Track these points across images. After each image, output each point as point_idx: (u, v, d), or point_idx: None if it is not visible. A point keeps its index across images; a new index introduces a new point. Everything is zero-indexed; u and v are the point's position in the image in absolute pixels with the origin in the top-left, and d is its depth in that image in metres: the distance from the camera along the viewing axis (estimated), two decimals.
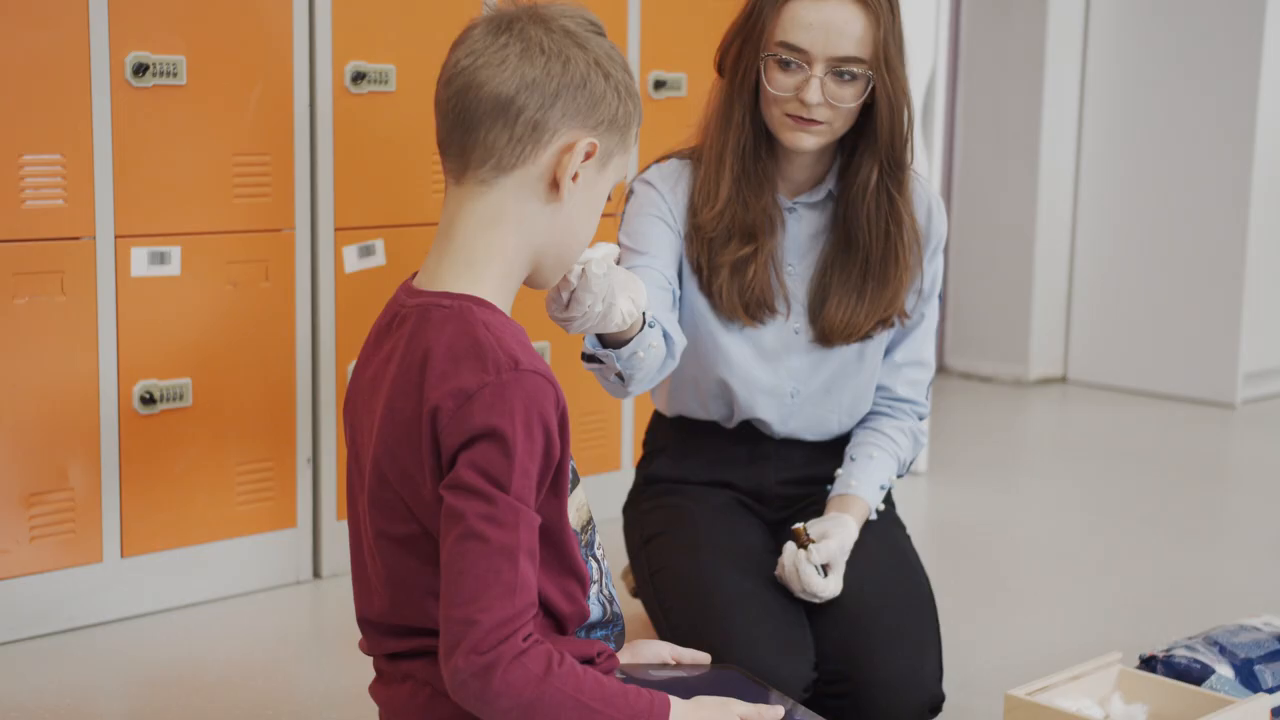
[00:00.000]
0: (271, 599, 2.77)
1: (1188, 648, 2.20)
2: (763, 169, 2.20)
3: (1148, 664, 2.21)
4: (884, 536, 2.23)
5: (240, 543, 2.75)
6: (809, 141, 2.14)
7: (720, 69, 2.22)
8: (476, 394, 1.43)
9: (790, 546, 2.09)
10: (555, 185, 1.51)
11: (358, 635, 1.63)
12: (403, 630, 1.54)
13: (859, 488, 2.21)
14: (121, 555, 2.61)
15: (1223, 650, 2.18)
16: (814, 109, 2.11)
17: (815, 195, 2.24)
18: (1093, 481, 3.81)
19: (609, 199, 1.60)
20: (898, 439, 2.29)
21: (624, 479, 2.71)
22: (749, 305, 2.21)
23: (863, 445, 2.27)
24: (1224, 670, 2.14)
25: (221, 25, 2.61)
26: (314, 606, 2.76)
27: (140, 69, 2.52)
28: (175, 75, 2.56)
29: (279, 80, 2.69)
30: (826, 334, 2.23)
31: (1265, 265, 4.65)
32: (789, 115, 2.13)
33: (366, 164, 2.82)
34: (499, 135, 1.49)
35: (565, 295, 1.71)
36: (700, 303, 2.23)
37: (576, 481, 1.62)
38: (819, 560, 2.08)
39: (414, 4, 2.83)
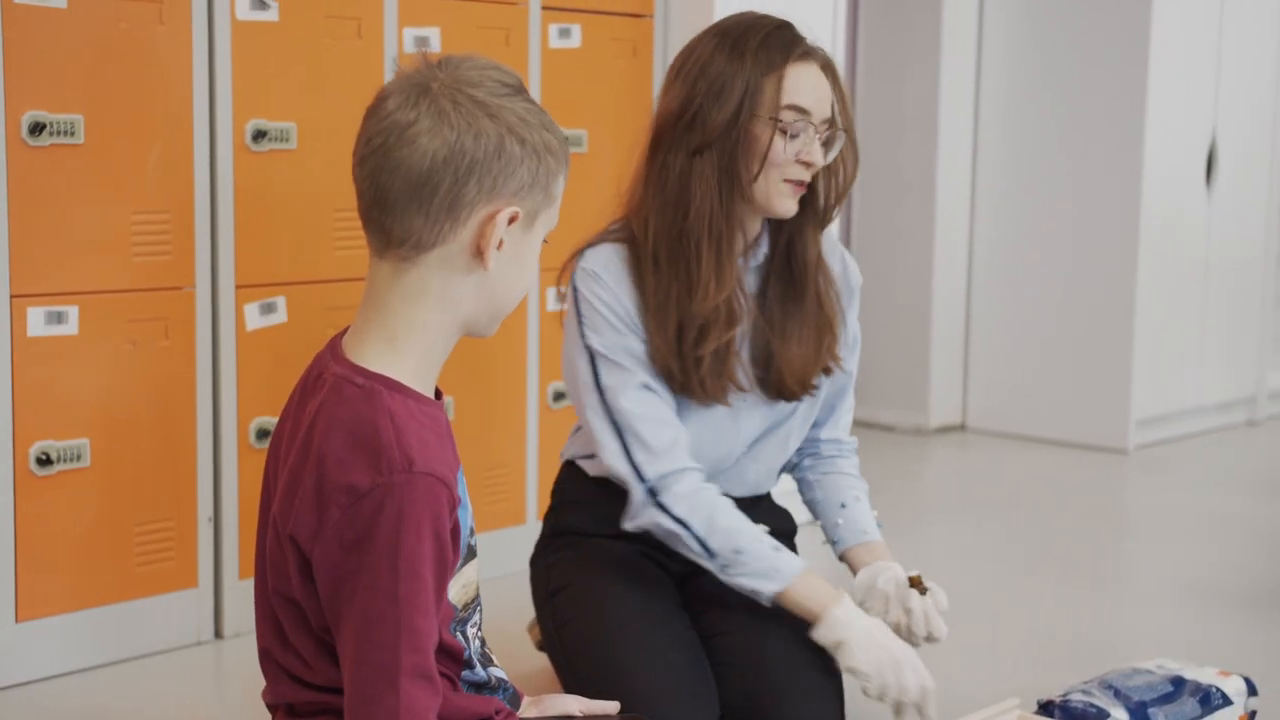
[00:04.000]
0: (173, 660, 2.73)
1: (1084, 692, 2.24)
2: (736, 243, 2.19)
3: (1045, 709, 2.25)
4: None
5: (140, 604, 2.72)
6: (795, 206, 2.16)
7: (696, 149, 2.12)
8: (367, 495, 1.43)
9: (916, 595, 2.19)
10: (480, 255, 1.50)
11: (260, 695, 1.62)
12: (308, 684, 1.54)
13: (873, 532, 2.34)
14: (16, 620, 2.56)
15: (1117, 694, 2.22)
16: (810, 170, 2.13)
17: (756, 259, 2.24)
18: (990, 528, 3.87)
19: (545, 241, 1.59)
20: (858, 475, 2.42)
21: (529, 533, 2.71)
22: (727, 387, 2.19)
23: (846, 490, 2.37)
24: (1119, 713, 2.18)
25: (120, 83, 2.60)
26: (216, 667, 2.73)
27: (37, 128, 2.50)
28: (73, 134, 2.54)
29: (179, 138, 2.68)
30: (781, 390, 2.24)
31: (1153, 315, 4.76)
32: (788, 181, 2.13)
33: (268, 221, 2.81)
34: (415, 217, 1.47)
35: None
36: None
37: (472, 556, 1.61)
38: (943, 604, 2.21)
39: (315, 62, 2.83)
